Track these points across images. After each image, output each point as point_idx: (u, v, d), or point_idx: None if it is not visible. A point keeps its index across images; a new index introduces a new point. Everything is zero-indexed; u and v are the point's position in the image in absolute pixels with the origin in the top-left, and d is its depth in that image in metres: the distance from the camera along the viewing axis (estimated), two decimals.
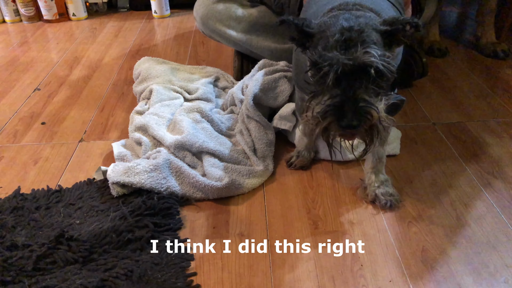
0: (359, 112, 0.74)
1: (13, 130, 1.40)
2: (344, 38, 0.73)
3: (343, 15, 0.79)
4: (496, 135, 1.29)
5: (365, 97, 0.75)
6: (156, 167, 1.08)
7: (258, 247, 0.95)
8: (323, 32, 0.77)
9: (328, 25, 0.78)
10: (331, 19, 0.79)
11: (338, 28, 0.75)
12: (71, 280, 0.85)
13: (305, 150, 1.17)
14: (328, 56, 0.73)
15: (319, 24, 0.80)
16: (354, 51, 0.72)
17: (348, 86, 0.74)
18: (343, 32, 0.73)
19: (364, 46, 0.73)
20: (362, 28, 0.74)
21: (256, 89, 1.24)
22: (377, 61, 0.72)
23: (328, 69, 0.73)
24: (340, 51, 0.73)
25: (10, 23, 2.35)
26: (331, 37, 0.74)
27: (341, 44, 0.73)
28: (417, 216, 1.01)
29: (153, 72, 1.51)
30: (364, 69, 0.73)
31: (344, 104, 0.74)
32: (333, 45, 0.73)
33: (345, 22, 0.75)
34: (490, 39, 1.79)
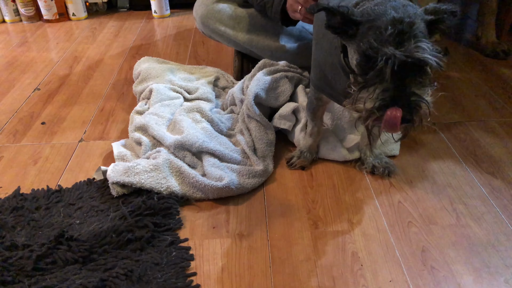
0: (412, 106, 0.75)
1: (13, 130, 1.40)
2: (397, 31, 0.73)
3: (389, 3, 0.78)
4: (496, 135, 1.29)
5: (416, 91, 0.75)
6: (156, 167, 1.08)
7: (258, 247, 0.95)
8: (372, 21, 0.76)
9: (377, 13, 0.76)
10: (377, 6, 0.78)
11: (389, 19, 0.74)
12: (71, 280, 0.85)
13: (307, 151, 1.17)
14: (384, 51, 0.72)
15: (364, 13, 0.79)
16: (408, 45, 0.72)
17: (400, 80, 0.74)
18: (395, 24, 0.73)
19: (416, 40, 0.73)
20: (413, 20, 0.74)
21: (257, 89, 1.24)
22: (430, 58, 0.72)
23: (383, 63, 0.73)
24: (394, 44, 0.72)
25: (10, 23, 2.35)
26: (383, 29, 0.73)
27: (394, 37, 0.73)
28: (417, 216, 1.01)
29: (153, 72, 1.51)
30: (417, 64, 0.73)
31: (397, 98, 0.74)
32: (387, 39, 0.73)
33: (395, 12, 0.75)
34: (490, 39, 1.79)
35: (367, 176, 1.14)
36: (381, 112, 0.75)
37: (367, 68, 0.76)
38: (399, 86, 0.74)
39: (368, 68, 0.76)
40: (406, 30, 0.73)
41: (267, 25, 1.44)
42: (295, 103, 1.27)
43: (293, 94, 1.32)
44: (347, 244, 0.95)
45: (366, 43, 0.75)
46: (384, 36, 0.73)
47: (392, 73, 0.73)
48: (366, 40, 0.75)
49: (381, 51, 0.72)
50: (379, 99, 0.75)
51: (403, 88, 0.74)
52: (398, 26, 0.73)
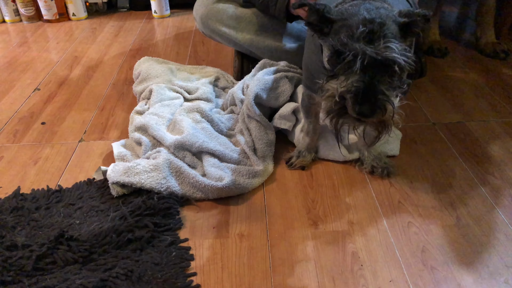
0: (376, 103, 0.76)
1: (13, 130, 1.40)
2: (368, 30, 0.74)
3: (364, 5, 0.80)
4: (496, 135, 1.29)
5: (384, 90, 0.77)
6: (156, 167, 1.08)
7: (258, 247, 0.95)
8: (344, 20, 0.78)
9: (350, 14, 0.79)
10: (352, 7, 0.80)
11: (360, 19, 0.76)
12: (71, 280, 0.85)
13: (306, 150, 1.17)
14: (354, 46, 0.74)
15: (339, 12, 0.81)
16: (377, 44, 0.74)
17: (368, 77, 0.76)
18: (365, 24, 0.75)
19: (385, 40, 0.74)
20: (384, 21, 0.76)
21: (258, 89, 1.24)
22: (398, 57, 0.74)
23: (352, 58, 0.74)
24: (364, 42, 0.74)
25: (10, 23, 2.35)
26: (354, 28, 0.75)
27: (364, 35, 0.74)
28: (417, 216, 1.01)
29: (153, 72, 1.51)
30: (385, 64, 0.75)
31: (364, 91, 0.76)
32: (358, 36, 0.75)
33: (367, 13, 0.77)
34: (490, 39, 1.79)
35: (367, 176, 1.14)
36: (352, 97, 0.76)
37: (337, 63, 0.78)
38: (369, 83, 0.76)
39: (337, 63, 0.78)
40: (376, 29, 0.75)
41: (267, 25, 1.44)
42: (295, 103, 1.27)
43: (293, 94, 1.32)
44: (347, 244, 0.95)
45: (337, 39, 0.77)
46: (355, 34, 0.75)
47: (361, 68, 0.75)
48: (337, 37, 0.77)
49: (350, 46, 0.74)
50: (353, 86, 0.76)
51: (372, 85, 0.76)
52: (368, 25, 0.75)
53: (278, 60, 1.41)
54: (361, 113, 0.77)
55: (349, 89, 0.77)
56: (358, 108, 0.76)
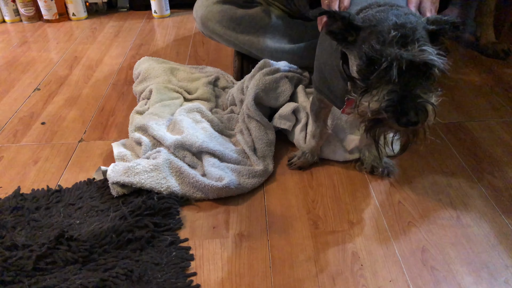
0: (418, 108, 0.72)
1: (13, 130, 1.40)
2: (400, 34, 0.71)
3: (391, 11, 0.76)
4: (496, 135, 1.29)
5: (422, 94, 0.73)
6: (156, 167, 1.08)
7: (258, 247, 0.95)
8: (374, 27, 0.75)
9: (379, 20, 0.75)
10: (379, 13, 0.77)
11: (391, 24, 0.73)
12: (71, 280, 0.85)
13: (309, 153, 1.17)
14: (388, 52, 0.71)
15: (366, 18, 0.77)
16: (412, 48, 0.71)
17: (405, 83, 0.72)
18: (397, 28, 0.72)
19: (420, 44, 0.71)
20: (415, 26, 0.73)
21: (258, 89, 1.24)
22: (436, 59, 0.71)
23: (387, 64, 0.71)
24: (398, 47, 0.71)
25: (10, 23, 2.35)
26: (385, 33, 0.72)
27: (397, 40, 0.71)
28: (417, 216, 1.01)
29: (153, 72, 1.51)
30: (422, 67, 0.72)
31: (403, 100, 0.72)
32: (391, 41, 0.71)
33: (396, 19, 0.74)
34: (490, 39, 1.79)
35: (367, 176, 1.14)
36: (389, 113, 0.73)
37: (369, 72, 0.74)
38: (405, 89, 0.72)
39: (369, 73, 0.74)
40: (409, 34, 0.71)
41: (267, 26, 1.44)
42: (295, 103, 1.27)
43: (293, 94, 1.32)
44: (347, 244, 0.95)
45: (368, 46, 0.73)
46: (387, 39, 0.72)
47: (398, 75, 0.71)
48: (368, 43, 0.74)
49: (385, 52, 0.71)
50: (385, 100, 0.73)
51: (409, 90, 0.72)
52: (401, 30, 0.71)
53: (278, 60, 1.41)
54: (408, 123, 0.73)
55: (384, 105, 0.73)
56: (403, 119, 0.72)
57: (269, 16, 1.45)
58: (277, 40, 1.44)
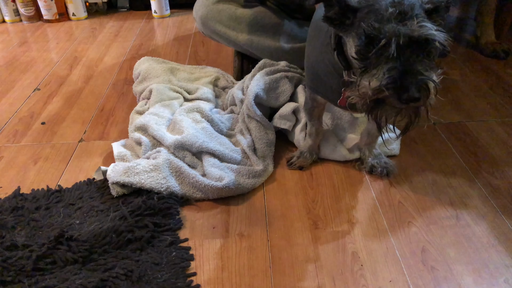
0: (420, 84, 0.71)
1: (13, 130, 1.40)
2: (398, 11, 0.71)
3: None
4: (496, 135, 1.29)
5: (423, 70, 0.72)
6: (156, 167, 1.08)
7: (258, 247, 0.95)
8: (370, 6, 0.74)
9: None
10: None
11: (388, 2, 0.72)
12: (71, 280, 0.85)
13: (307, 152, 1.17)
14: (386, 28, 0.70)
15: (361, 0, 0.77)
16: (410, 24, 0.70)
17: (405, 59, 0.71)
18: (395, 5, 0.71)
19: (419, 20, 0.71)
20: (412, 3, 0.72)
21: (258, 89, 1.24)
22: (437, 34, 0.70)
23: (386, 41, 0.70)
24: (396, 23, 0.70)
25: (10, 23, 2.35)
26: (383, 10, 0.71)
27: (396, 16, 0.70)
28: (417, 216, 1.01)
29: (153, 72, 1.51)
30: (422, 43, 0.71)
31: (404, 77, 0.71)
32: (389, 18, 0.71)
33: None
34: (490, 39, 1.79)
35: (367, 176, 1.14)
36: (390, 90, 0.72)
37: (368, 51, 0.73)
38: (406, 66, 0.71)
39: (368, 52, 0.73)
40: (407, 10, 0.71)
41: (267, 26, 1.44)
42: (295, 103, 1.27)
43: (293, 94, 1.32)
44: (347, 244, 0.95)
45: (367, 24, 0.72)
46: (385, 16, 0.71)
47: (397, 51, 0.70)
48: (366, 22, 0.73)
49: (383, 29, 0.70)
50: (385, 77, 0.72)
51: (409, 66, 0.71)
52: (398, 7, 0.71)
53: (278, 60, 1.41)
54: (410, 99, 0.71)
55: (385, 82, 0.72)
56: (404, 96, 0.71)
57: (269, 16, 1.45)
58: (277, 40, 1.44)
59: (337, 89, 0.94)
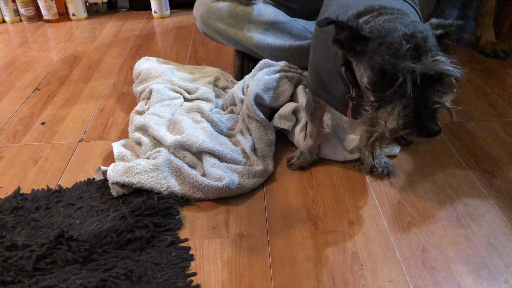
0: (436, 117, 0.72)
1: (13, 130, 1.40)
2: (413, 45, 0.70)
3: (398, 19, 0.75)
4: (496, 135, 1.29)
5: (437, 99, 0.73)
6: (156, 167, 1.08)
7: (258, 247, 0.95)
8: (383, 38, 0.73)
9: (387, 30, 0.74)
10: (386, 23, 0.75)
11: (401, 34, 0.72)
12: (71, 280, 0.85)
13: (308, 152, 1.17)
14: (403, 65, 0.70)
15: (373, 29, 0.76)
16: (425, 59, 0.70)
17: (420, 94, 0.71)
18: (409, 40, 0.71)
19: (433, 54, 0.71)
20: (426, 35, 0.72)
21: (258, 89, 1.24)
22: (452, 69, 0.71)
23: (403, 79, 0.70)
24: (411, 59, 0.70)
25: (10, 23, 2.35)
26: (397, 44, 0.71)
27: (411, 52, 0.70)
28: (417, 216, 1.01)
29: (153, 72, 1.51)
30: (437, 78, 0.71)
31: (420, 114, 0.71)
32: (404, 54, 0.70)
33: (405, 28, 0.72)
34: (490, 39, 1.79)
35: (367, 176, 1.14)
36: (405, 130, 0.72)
37: (382, 84, 0.73)
38: (419, 100, 0.71)
39: (382, 85, 0.73)
40: (421, 44, 0.71)
41: (267, 23, 1.44)
42: (295, 103, 1.27)
43: (293, 94, 1.32)
44: (347, 244, 0.95)
45: (381, 59, 0.72)
46: (400, 51, 0.70)
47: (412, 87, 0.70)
48: (379, 56, 0.72)
49: (400, 66, 0.70)
50: (401, 117, 0.72)
51: (424, 100, 0.71)
52: (412, 40, 0.70)
53: (278, 58, 1.41)
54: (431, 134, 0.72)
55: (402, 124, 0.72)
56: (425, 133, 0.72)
57: (269, 14, 1.45)
58: (278, 38, 1.44)
59: (341, 97, 0.93)
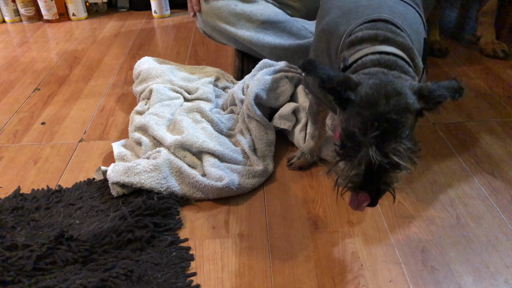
0: (379, 194, 0.78)
1: (13, 130, 1.40)
2: (381, 131, 0.72)
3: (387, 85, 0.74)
4: (496, 135, 1.29)
5: (386, 180, 0.77)
6: (156, 167, 1.08)
7: (258, 247, 0.95)
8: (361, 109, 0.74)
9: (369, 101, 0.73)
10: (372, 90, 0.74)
11: (378, 113, 0.72)
12: (71, 280, 0.85)
13: (308, 153, 1.17)
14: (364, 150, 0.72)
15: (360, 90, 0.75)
16: (387, 145, 0.72)
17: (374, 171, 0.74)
18: (382, 122, 0.72)
19: (397, 141, 0.72)
20: (400, 118, 0.72)
21: (258, 89, 1.24)
22: (403, 164, 0.73)
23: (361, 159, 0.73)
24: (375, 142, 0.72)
25: (10, 23, 2.35)
26: (369, 125, 0.72)
27: (376, 138, 0.72)
28: (417, 216, 1.01)
29: (153, 72, 1.51)
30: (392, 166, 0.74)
31: (366, 185, 0.77)
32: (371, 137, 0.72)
33: (385, 103, 0.72)
34: (490, 39, 1.79)
35: None
36: (351, 190, 0.79)
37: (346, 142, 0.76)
38: (370, 174, 0.75)
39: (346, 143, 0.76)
40: (390, 130, 0.72)
41: (267, 22, 1.45)
42: (295, 103, 1.27)
43: (293, 94, 1.32)
44: (347, 244, 0.95)
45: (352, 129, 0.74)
46: (368, 133, 0.72)
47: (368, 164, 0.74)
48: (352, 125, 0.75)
49: (362, 148, 0.73)
50: (350, 181, 0.77)
51: (373, 176, 0.75)
52: (384, 125, 0.72)
53: (278, 57, 1.41)
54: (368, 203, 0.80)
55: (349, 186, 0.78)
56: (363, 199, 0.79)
57: (269, 13, 1.45)
58: (277, 37, 1.44)
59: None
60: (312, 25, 1.48)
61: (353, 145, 0.74)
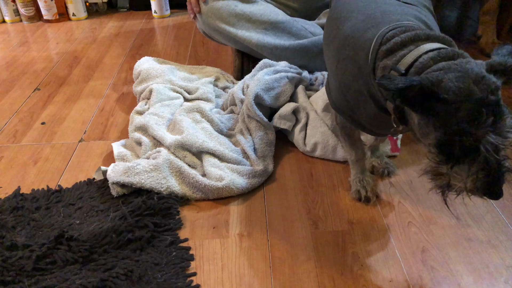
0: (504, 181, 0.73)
1: (13, 130, 1.40)
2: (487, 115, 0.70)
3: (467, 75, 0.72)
4: None
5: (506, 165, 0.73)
6: (156, 167, 1.08)
7: (258, 247, 0.95)
8: (459, 103, 0.71)
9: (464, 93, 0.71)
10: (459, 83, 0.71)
11: (478, 99, 0.70)
12: (71, 280, 0.85)
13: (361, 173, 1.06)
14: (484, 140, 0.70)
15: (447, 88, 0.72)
16: (500, 126, 0.70)
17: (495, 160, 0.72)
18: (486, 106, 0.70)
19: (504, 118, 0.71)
20: (498, 96, 0.71)
21: (258, 89, 1.24)
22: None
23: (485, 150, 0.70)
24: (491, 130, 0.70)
25: (10, 23, 2.35)
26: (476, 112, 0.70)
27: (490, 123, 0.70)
28: (417, 216, 1.01)
29: (153, 72, 1.51)
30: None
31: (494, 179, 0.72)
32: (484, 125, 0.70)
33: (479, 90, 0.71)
34: (490, 39, 1.79)
35: None
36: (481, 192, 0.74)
37: (451, 146, 0.73)
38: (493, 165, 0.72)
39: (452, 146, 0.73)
40: (496, 110, 0.70)
41: (267, 22, 1.45)
42: (295, 103, 1.27)
43: (293, 95, 1.32)
44: (347, 244, 0.95)
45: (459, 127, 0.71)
46: (479, 121, 0.70)
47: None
48: (456, 122, 0.71)
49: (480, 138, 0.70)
50: (479, 179, 0.73)
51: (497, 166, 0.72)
52: (489, 108, 0.70)
53: (278, 57, 1.41)
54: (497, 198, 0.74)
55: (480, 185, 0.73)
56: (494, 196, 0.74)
57: (269, 13, 1.45)
58: (277, 37, 1.44)
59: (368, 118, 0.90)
60: (312, 25, 1.48)
61: (468, 143, 0.71)
